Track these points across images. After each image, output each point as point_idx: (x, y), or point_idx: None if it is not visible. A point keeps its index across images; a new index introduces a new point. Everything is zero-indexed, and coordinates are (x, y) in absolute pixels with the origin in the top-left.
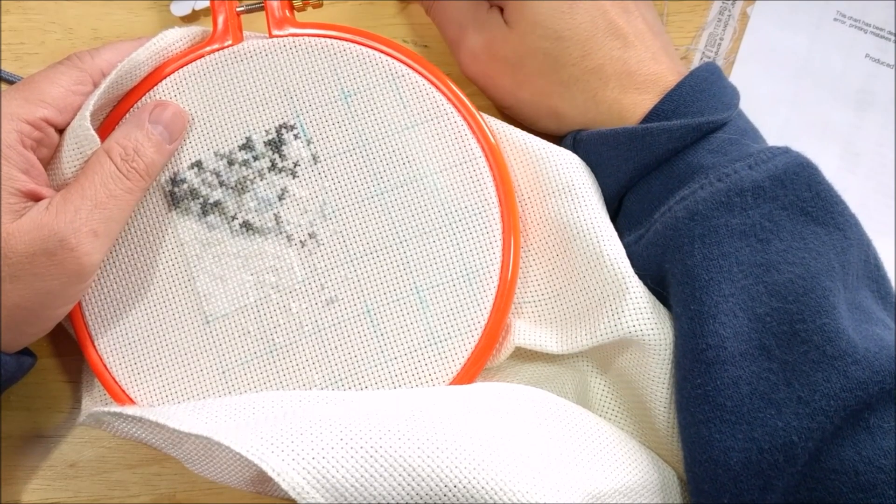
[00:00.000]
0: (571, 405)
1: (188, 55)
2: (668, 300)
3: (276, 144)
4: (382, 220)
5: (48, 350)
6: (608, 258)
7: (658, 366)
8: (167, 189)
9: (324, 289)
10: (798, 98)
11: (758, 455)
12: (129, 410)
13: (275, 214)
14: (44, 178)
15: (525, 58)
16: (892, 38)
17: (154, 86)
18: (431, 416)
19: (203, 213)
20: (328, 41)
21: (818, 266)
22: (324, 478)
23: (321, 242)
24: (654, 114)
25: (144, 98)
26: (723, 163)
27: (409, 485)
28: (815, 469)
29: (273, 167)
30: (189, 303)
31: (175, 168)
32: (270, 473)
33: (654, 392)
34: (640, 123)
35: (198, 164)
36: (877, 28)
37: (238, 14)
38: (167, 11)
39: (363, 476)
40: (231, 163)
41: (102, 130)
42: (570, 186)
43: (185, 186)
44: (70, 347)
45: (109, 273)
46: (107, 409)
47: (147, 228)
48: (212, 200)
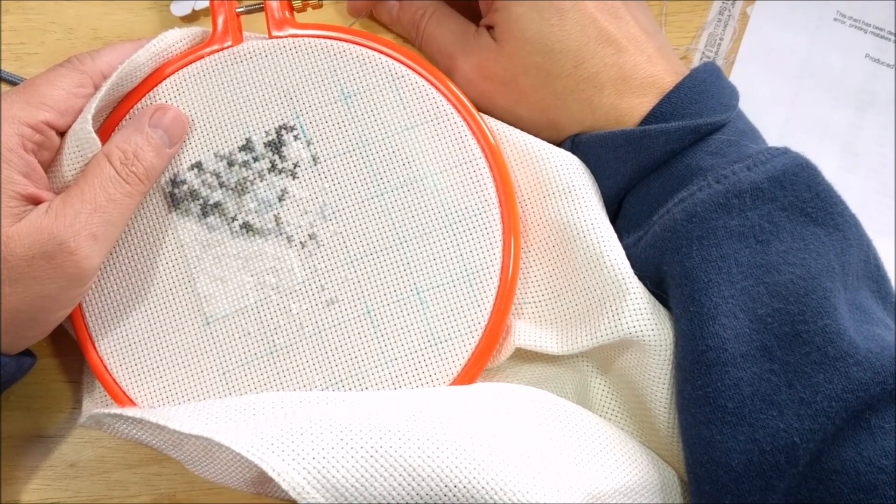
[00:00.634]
0: (571, 405)
1: (188, 56)
2: (668, 302)
3: (276, 145)
4: (382, 221)
5: (48, 350)
6: (608, 259)
7: (658, 367)
8: (167, 190)
9: (324, 290)
10: (798, 98)
11: (759, 456)
12: (130, 412)
13: (275, 215)
14: (44, 182)
15: (518, 75)
16: (892, 38)
17: (154, 87)
18: (432, 417)
19: (203, 215)
20: (328, 42)
21: (818, 267)
22: (324, 478)
23: (321, 243)
24: (653, 116)
25: (144, 99)
26: (721, 164)
27: (410, 485)
28: (816, 469)
29: (273, 168)
30: (189, 304)
31: (175, 169)
32: (271, 473)
33: (655, 393)
34: (639, 126)
35: (198, 166)
36: (877, 28)
37: (237, 15)
38: (167, 11)
39: (363, 476)
40: (231, 164)
41: (102, 132)
42: (571, 188)
43: (185, 188)
44: (70, 347)
45: (110, 274)
46: (107, 411)
47: (147, 230)
48: (212, 202)
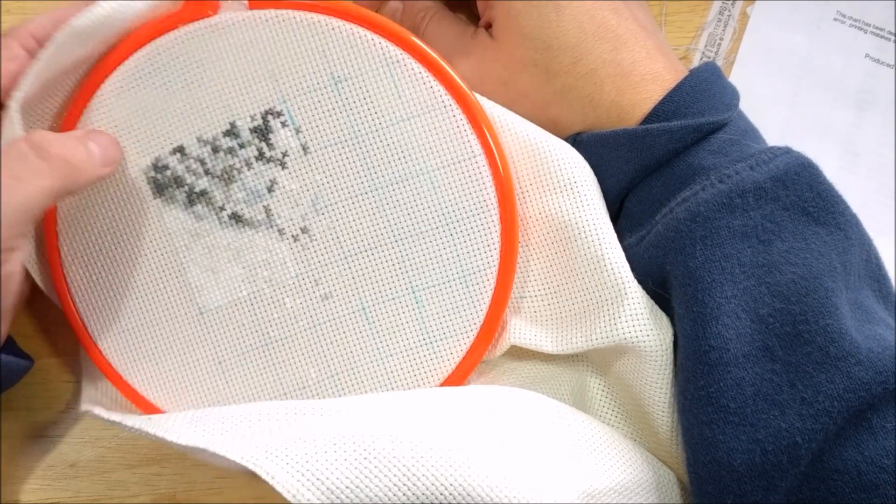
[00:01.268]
0: (564, 406)
1: (158, 27)
2: (670, 302)
3: (263, 132)
4: (377, 218)
5: (48, 350)
6: (608, 261)
7: (656, 372)
8: (149, 175)
9: (318, 285)
10: (798, 98)
11: (761, 456)
12: (129, 421)
13: (265, 207)
14: None
15: (516, 73)
16: (892, 38)
17: (124, 60)
18: (425, 417)
19: (189, 203)
20: (315, 16)
21: (820, 266)
22: (318, 479)
23: (314, 238)
24: (655, 114)
25: (116, 72)
26: (724, 164)
27: (405, 485)
28: (818, 469)
29: (261, 156)
30: (182, 294)
31: (157, 153)
32: (265, 477)
33: (653, 396)
34: (641, 124)
35: (180, 150)
36: (877, 28)
37: None
38: None
39: (357, 477)
40: (216, 150)
41: (74, 104)
42: (573, 183)
43: (169, 173)
44: (70, 347)
45: (98, 260)
46: (107, 417)
47: (132, 216)
48: (197, 189)
